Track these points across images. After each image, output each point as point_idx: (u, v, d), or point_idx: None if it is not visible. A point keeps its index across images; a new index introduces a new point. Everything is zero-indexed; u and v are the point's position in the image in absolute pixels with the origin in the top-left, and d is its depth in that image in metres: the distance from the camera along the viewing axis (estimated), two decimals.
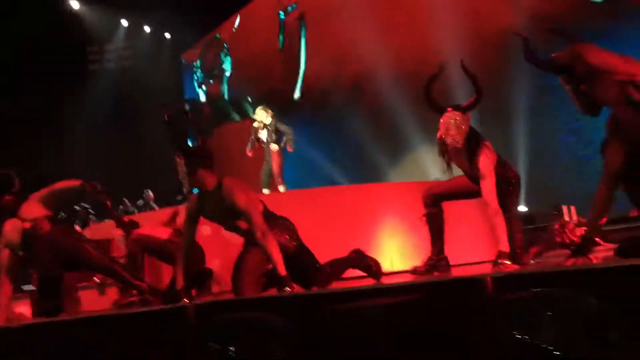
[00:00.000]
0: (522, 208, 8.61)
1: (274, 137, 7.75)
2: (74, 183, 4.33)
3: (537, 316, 1.90)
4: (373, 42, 11.51)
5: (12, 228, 4.27)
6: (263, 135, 7.80)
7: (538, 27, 3.88)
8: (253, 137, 7.84)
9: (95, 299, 5.35)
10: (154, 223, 5.24)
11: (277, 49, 13.51)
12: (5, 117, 12.39)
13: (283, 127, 7.86)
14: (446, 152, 3.92)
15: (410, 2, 11.80)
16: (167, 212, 5.71)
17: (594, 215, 3.09)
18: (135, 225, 5.20)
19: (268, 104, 8.13)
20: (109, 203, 4.81)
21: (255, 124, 7.85)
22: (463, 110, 3.87)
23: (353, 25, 11.92)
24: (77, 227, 8.30)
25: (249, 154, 7.88)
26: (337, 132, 12.43)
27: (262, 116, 7.81)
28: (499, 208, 3.72)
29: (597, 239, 3.14)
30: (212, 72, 14.54)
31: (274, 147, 7.72)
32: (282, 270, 3.46)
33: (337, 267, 4.17)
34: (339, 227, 5.75)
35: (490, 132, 4.95)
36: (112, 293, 5.04)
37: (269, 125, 7.77)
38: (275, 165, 7.70)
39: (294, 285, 3.52)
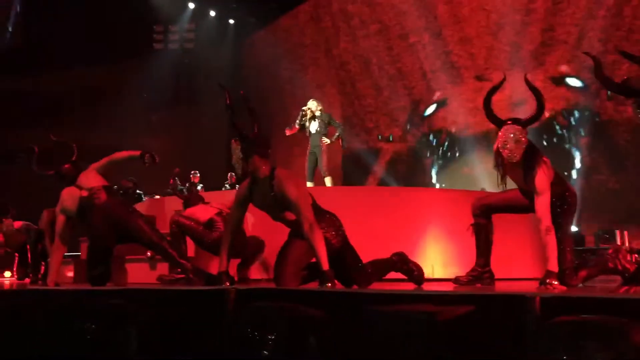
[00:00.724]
0: (572, 228, 8.38)
1: (324, 130, 7.74)
2: (134, 153, 4.42)
3: (586, 343, 1.84)
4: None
5: (69, 196, 4.41)
6: (313, 126, 7.79)
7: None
8: (297, 121, 7.82)
9: (146, 273, 5.48)
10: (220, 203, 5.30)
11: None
12: (68, 88, 12.79)
13: (336, 123, 7.85)
14: (502, 165, 3.84)
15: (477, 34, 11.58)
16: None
17: None
18: (196, 199, 5.31)
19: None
20: (177, 172, 4.94)
21: (304, 108, 7.83)
22: (523, 124, 3.78)
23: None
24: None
25: (287, 133, 7.88)
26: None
27: (313, 106, 7.80)
28: (552, 226, 3.62)
29: None
30: None
31: (326, 140, 7.71)
32: (325, 265, 3.46)
33: (379, 268, 4.15)
34: (383, 227, 5.71)
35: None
36: (164, 268, 5.15)
37: (319, 117, 7.75)
38: (324, 158, 7.69)
39: (336, 282, 3.53)
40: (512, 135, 3.72)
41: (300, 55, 13.94)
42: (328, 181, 7.71)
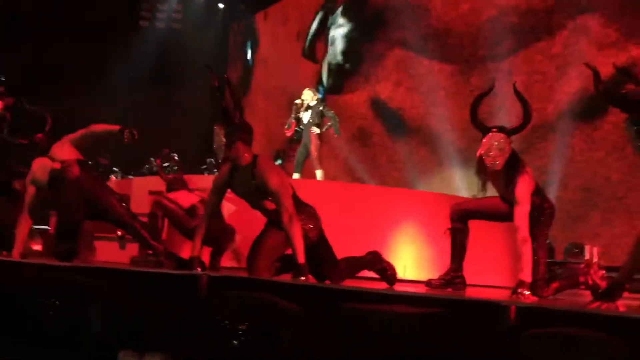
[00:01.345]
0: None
1: (317, 120, 7.49)
2: (113, 127, 4.28)
3: (559, 355, 1.84)
4: None
5: (41, 166, 4.29)
6: (305, 116, 7.53)
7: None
8: (293, 116, 7.59)
9: (115, 252, 5.38)
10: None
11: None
12: (51, 62, 12.52)
13: (330, 113, 7.59)
14: (483, 172, 3.85)
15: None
16: None
17: (631, 261, 3.00)
18: (180, 183, 5.23)
19: (316, 88, 7.97)
20: (166, 152, 4.88)
21: (298, 101, 7.60)
22: (508, 132, 3.80)
23: None
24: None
25: (287, 134, 7.70)
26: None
27: (308, 97, 7.56)
28: (529, 236, 3.64)
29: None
30: None
31: (315, 130, 7.46)
32: (301, 258, 3.43)
33: (353, 265, 4.13)
34: (359, 225, 5.69)
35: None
36: (133, 248, 5.06)
37: (313, 107, 7.52)
38: (313, 149, 7.44)
39: (310, 276, 3.49)
40: (496, 143, 3.73)
41: (291, 42, 13.79)
42: (319, 174, 7.46)
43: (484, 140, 3.78)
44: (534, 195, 3.76)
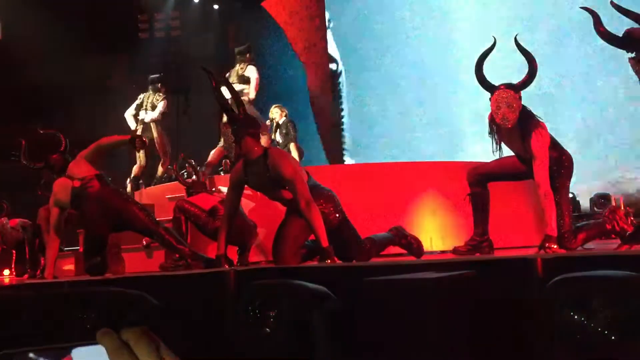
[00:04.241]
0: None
1: (290, 135, 7.17)
2: (122, 137, 4.34)
3: (591, 298, 1.83)
4: None
5: (62, 187, 4.34)
6: (278, 137, 7.23)
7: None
8: (272, 136, 7.15)
9: (143, 261, 5.45)
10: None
11: None
12: (57, 83, 12.66)
13: (292, 133, 7.25)
14: (496, 132, 3.81)
15: None
16: None
17: None
18: (199, 186, 5.30)
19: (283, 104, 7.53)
20: (181, 157, 4.97)
21: (267, 122, 7.20)
22: (516, 88, 3.75)
23: None
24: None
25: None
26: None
27: (276, 115, 7.26)
28: (550, 190, 3.61)
29: None
30: None
31: (292, 146, 7.12)
32: (324, 242, 3.45)
33: (378, 243, 4.14)
34: (379, 203, 5.70)
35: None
36: (160, 256, 5.12)
37: (282, 125, 7.20)
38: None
39: (335, 258, 3.51)
40: (504, 100, 3.68)
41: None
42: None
43: (492, 99, 3.74)
44: (550, 149, 3.72)
